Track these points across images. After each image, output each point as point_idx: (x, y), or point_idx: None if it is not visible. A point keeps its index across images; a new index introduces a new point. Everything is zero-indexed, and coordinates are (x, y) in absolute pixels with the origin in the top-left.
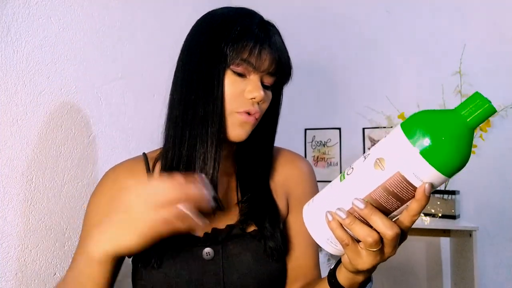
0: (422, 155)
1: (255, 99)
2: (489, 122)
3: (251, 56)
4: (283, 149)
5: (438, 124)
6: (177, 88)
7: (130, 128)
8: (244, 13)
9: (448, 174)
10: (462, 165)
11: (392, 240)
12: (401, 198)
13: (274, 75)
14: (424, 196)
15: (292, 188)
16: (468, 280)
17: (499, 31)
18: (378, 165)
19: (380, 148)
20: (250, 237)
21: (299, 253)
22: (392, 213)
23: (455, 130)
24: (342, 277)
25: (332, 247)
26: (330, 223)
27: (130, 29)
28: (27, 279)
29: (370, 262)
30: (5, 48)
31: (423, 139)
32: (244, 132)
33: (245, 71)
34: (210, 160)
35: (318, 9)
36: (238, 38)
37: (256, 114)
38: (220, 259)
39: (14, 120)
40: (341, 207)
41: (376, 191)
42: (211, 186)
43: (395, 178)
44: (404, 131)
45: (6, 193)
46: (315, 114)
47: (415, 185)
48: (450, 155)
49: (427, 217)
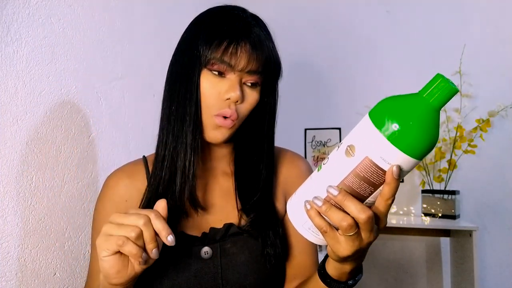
0: (388, 139)
1: (230, 99)
2: (489, 122)
3: (226, 54)
4: (282, 149)
5: (402, 108)
6: (165, 91)
7: (130, 128)
8: (224, 10)
9: (417, 156)
10: (430, 146)
11: (366, 223)
12: (372, 183)
13: (256, 73)
14: (393, 178)
15: (291, 188)
16: (468, 280)
17: (499, 31)
18: (348, 152)
19: (350, 136)
20: (247, 235)
21: (297, 252)
22: (367, 199)
23: (419, 113)
24: (330, 268)
25: (314, 236)
26: (309, 212)
27: (130, 29)
28: (27, 279)
29: (349, 248)
30: (5, 48)
31: (388, 124)
32: (220, 135)
33: (222, 70)
34: (188, 162)
35: (318, 9)
36: (212, 36)
37: (233, 116)
38: (218, 258)
39: (14, 120)
40: (319, 195)
41: (348, 177)
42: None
43: (364, 163)
44: (371, 118)
45: (6, 193)
46: (315, 114)
47: (384, 169)
48: (416, 138)
49: (427, 217)
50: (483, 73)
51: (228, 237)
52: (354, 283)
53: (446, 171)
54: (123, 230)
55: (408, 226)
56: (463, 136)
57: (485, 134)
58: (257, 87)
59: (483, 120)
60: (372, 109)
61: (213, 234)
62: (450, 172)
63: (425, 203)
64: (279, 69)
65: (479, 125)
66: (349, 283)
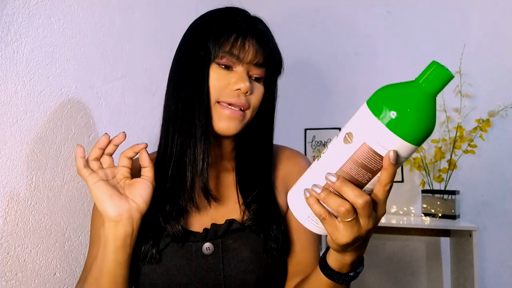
0: (386, 125)
1: (240, 90)
2: (489, 122)
3: (234, 47)
4: (282, 146)
5: (399, 95)
6: (169, 89)
7: (130, 128)
8: (228, 10)
9: (415, 142)
10: (427, 132)
11: (363, 208)
12: (370, 169)
13: (262, 67)
14: (390, 163)
15: (292, 184)
16: (468, 280)
17: (499, 31)
18: (347, 139)
19: (348, 124)
20: (249, 231)
21: (298, 249)
22: (365, 186)
23: (416, 99)
24: (331, 259)
25: (314, 225)
26: (308, 199)
27: (130, 29)
28: (27, 279)
29: (348, 235)
30: (5, 48)
31: (385, 110)
32: (232, 126)
33: (230, 63)
34: (199, 154)
35: (318, 9)
36: (220, 31)
37: (244, 106)
38: (220, 254)
39: (14, 120)
40: (318, 183)
41: (346, 164)
42: None
43: (362, 149)
44: (369, 106)
45: (6, 193)
46: (315, 114)
47: (381, 154)
48: (413, 123)
49: (427, 217)
50: (483, 73)
51: (230, 233)
52: (355, 275)
53: (446, 171)
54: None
55: (408, 226)
56: (463, 136)
57: (485, 134)
58: (261, 81)
59: (483, 120)
60: (370, 97)
61: (215, 230)
62: (450, 172)
63: (425, 203)
64: (281, 65)
65: (479, 125)
66: (350, 275)
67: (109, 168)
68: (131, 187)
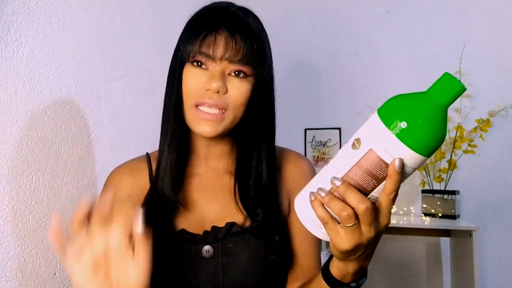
0: (395, 135)
1: (210, 90)
2: (489, 122)
3: (203, 44)
4: (285, 149)
5: (411, 106)
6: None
7: (130, 128)
8: (208, 6)
9: (424, 153)
10: (437, 143)
11: (364, 214)
12: (376, 176)
13: (239, 62)
14: (395, 171)
15: (295, 187)
16: (468, 280)
17: (499, 31)
18: (355, 145)
19: (359, 131)
20: (250, 235)
21: (300, 254)
22: (370, 194)
23: (428, 111)
24: (334, 268)
25: (318, 229)
26: (312, 202)
27: (130, 29)
28: (27, 279)
29: (349, 241)
30: (5, 48)
31: (396, 120)
32: (209, 129)
33: (203, 61)
34: (168, 156)
35: (318, 9)
36: (191, 29)
37: (219, 106)
38: (219, 257)
39: (14, 120)
40: (323, 187)
41: (352, 169)
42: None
43: (368, 155)
44: (380, 115)
45: (6, 193)
46: (315, 114)
47: (387, 162)
48: (424, 134)
49: (427, 217)
50: (483, 73)
51: (230, 236)
52: (357, 285)
53: (446, 171)
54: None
55: (408, 226)
56: (463, 136)
57: (485, 134)
58: (246, 78)
59: (483, 120)
60: (381, 106)
61: (215, 232)
62: (450, 172)
63: (425, 203)
64: (263, 57)
65: (479, 125)
66: (351, 285)
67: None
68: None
